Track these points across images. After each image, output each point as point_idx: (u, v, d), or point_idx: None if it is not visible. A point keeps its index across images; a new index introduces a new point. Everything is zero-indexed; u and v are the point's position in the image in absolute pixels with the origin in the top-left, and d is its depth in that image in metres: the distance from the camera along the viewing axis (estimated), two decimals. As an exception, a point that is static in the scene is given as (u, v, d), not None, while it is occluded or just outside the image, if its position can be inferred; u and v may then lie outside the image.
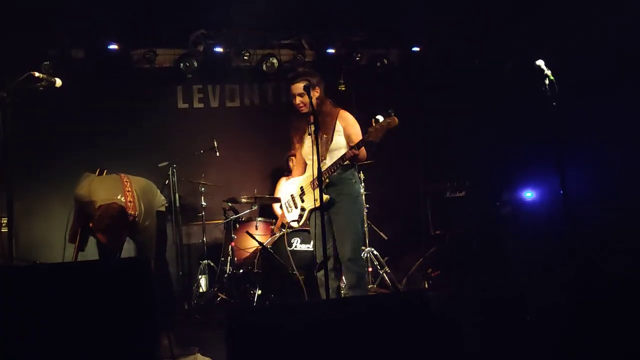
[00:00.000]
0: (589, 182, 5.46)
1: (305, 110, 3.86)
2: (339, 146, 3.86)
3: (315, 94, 3.82)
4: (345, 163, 3.77)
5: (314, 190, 3.77)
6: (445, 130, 6.75)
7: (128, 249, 4.19)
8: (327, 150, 3.83)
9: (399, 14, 6.24)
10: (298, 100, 3.86)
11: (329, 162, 3.82)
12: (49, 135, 5.92)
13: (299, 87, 3.81)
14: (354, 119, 3.95)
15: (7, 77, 3.41)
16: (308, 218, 3.97)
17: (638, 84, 5.46)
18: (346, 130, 3.88)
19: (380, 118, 3.54)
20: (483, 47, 6.93)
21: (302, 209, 3.95)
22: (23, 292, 2.10)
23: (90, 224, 3.76)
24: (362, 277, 3.88)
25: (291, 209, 4.08)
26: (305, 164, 4.10)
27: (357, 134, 3.86)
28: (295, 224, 4.06)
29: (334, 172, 3.78)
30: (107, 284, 2.21)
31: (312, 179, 3.85)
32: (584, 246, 4.23)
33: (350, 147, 3.71)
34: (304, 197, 3.96)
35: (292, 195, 4.09)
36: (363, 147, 3.73)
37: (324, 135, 3.80)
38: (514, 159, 6.49)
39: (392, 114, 3.53)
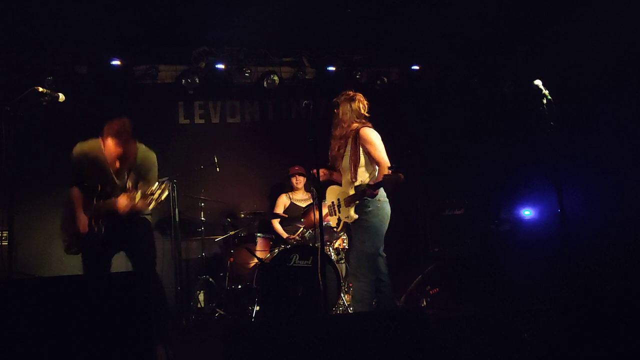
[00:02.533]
0: (588, 199, 5.47)
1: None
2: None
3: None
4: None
5: (347, 207, 4.02)
6: (444, 148, 6.79)
7: (126, 265, 4.20)
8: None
9: (399, 33, 6.31)
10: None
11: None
12: (51, 150, 5.94)
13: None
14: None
15: (11, 92, 3.45)
16: (342, 229, 4.23)
17: (638, 89, 5.47)
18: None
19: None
20: (482, 66, 6.99)
21: (339, 219, 4.17)
22: (25, 304, 2.11)
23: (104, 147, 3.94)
24: (363, 292, 3.94)
25: (333, 214, 4.29)
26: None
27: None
28: (333, 223, 4.31)
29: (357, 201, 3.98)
30: (106, 297, 2.22)
31: (347, 196, 4.04)
32: (582, 264, 4.23)
33: (369, 186, 3.92)
34: (340, 209, 4.17)
35: (332, 202, 4.29)
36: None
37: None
38: (512, 177, 6.52)
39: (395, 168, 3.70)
